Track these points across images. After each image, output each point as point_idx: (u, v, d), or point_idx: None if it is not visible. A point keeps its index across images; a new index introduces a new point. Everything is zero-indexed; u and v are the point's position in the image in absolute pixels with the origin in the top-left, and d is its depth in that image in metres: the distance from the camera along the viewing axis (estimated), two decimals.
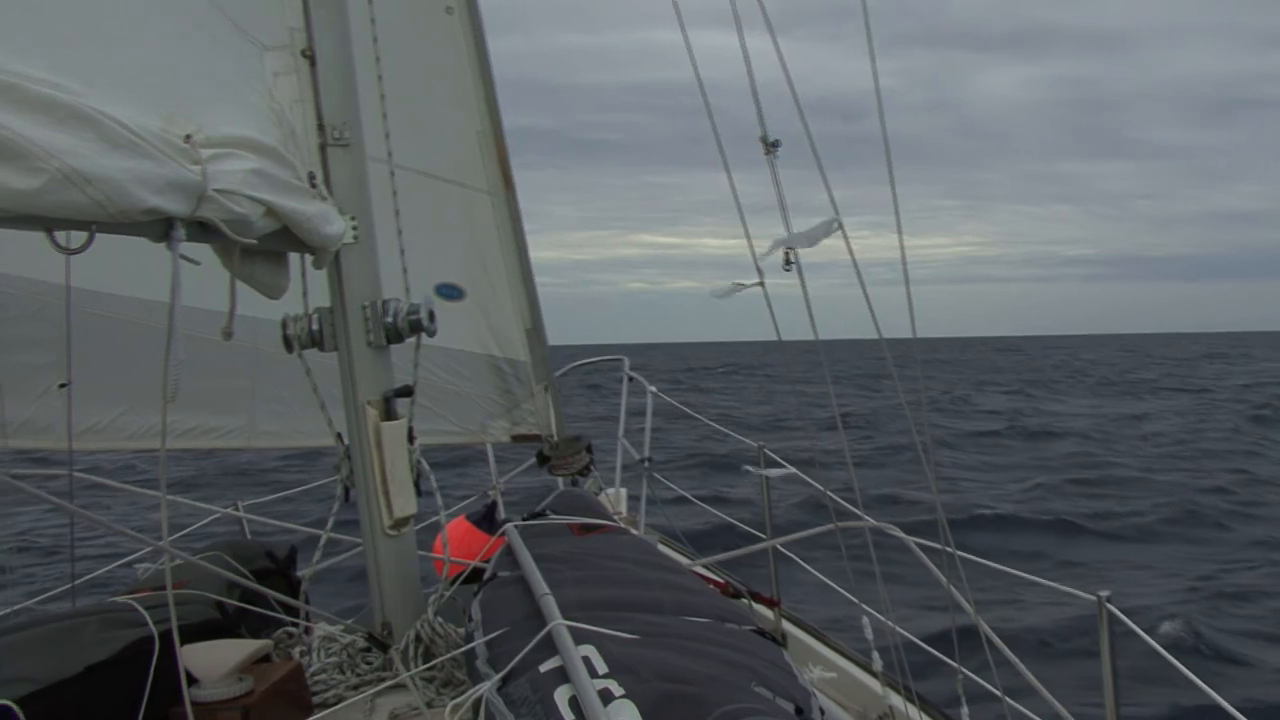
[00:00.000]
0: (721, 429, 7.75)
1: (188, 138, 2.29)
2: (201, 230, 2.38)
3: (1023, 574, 4.33)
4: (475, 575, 3.69)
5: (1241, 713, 3.54)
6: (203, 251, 2.57)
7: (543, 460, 5.48)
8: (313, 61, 3.30)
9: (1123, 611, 3.66)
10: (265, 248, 2.78)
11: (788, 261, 3.96)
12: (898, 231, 3.81)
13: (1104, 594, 3.61)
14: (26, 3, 2.04)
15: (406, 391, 3.62)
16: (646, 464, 6.38)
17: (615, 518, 4.15)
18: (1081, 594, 3.78)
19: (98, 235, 2.07)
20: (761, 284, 4.03)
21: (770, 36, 4.10)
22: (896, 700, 4.57)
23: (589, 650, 2.36)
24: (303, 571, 4.18)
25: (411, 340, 3.56)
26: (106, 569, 5.56)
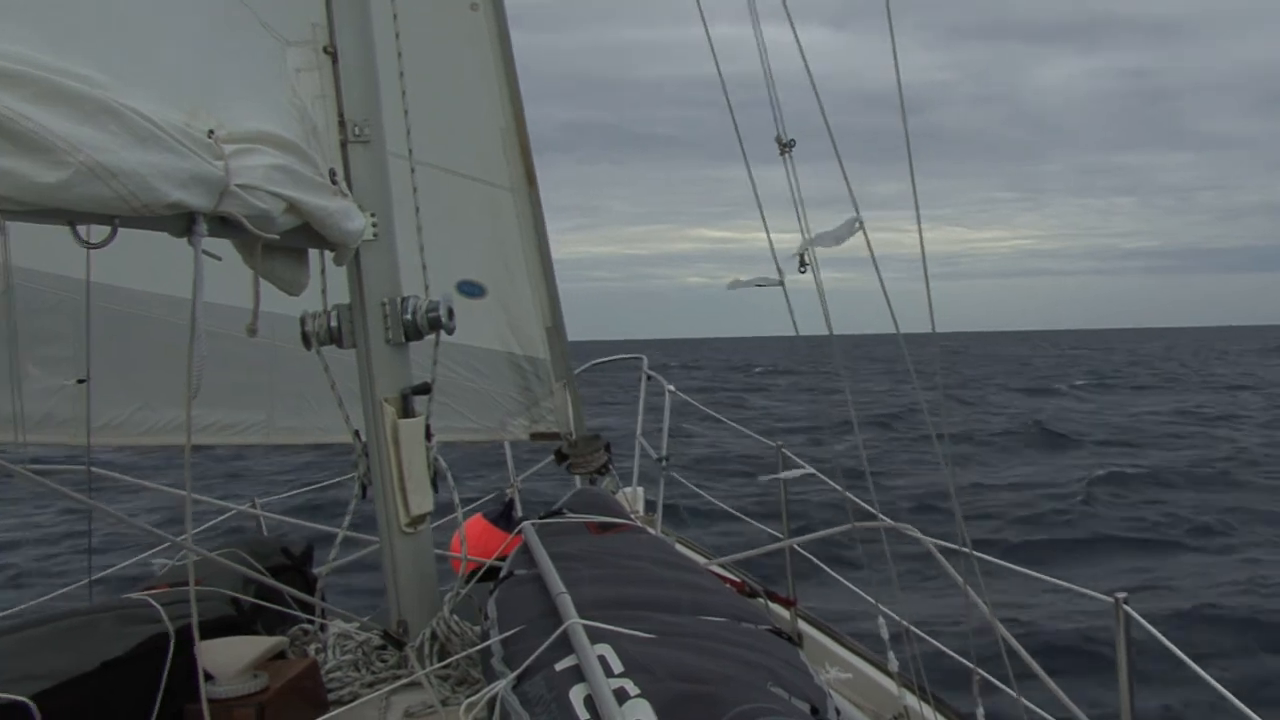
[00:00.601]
0: (741, 428, 7.73)
1: (211, 133, 2.29)
2: (223, 225, 2.38)
3: (1041, 575, 4.31)
4: (492, 573, 3.68)
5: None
6: (222, 247, 2.57)
7: (561, 458, 5.48)
8: (334, 58, 3.30)
9: (1140, 614, 3.64)
10: (286, 244, 2.79)
11: (803, 263, 3.95)
12: (918, 226, 3.79)
13: (1121, 595, 3.59)
14: None
15: (425, 389, 3.63)
16: (664, 463, 6.37)
17: (632, 517, 4.14)
18: (1099, 595, 3.76)
19: (118, 230, 2.07)
20: (781, 283, 4.02)
21: (790, 28, 4.08)
22: (912, 701, 4.56)
23: (605, 649, 2.35)
24: (319, 569, 4.19)
25: (430, 337, 3.57)
26: (123, 564, 5.58)
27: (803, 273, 3.89)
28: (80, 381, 4.25)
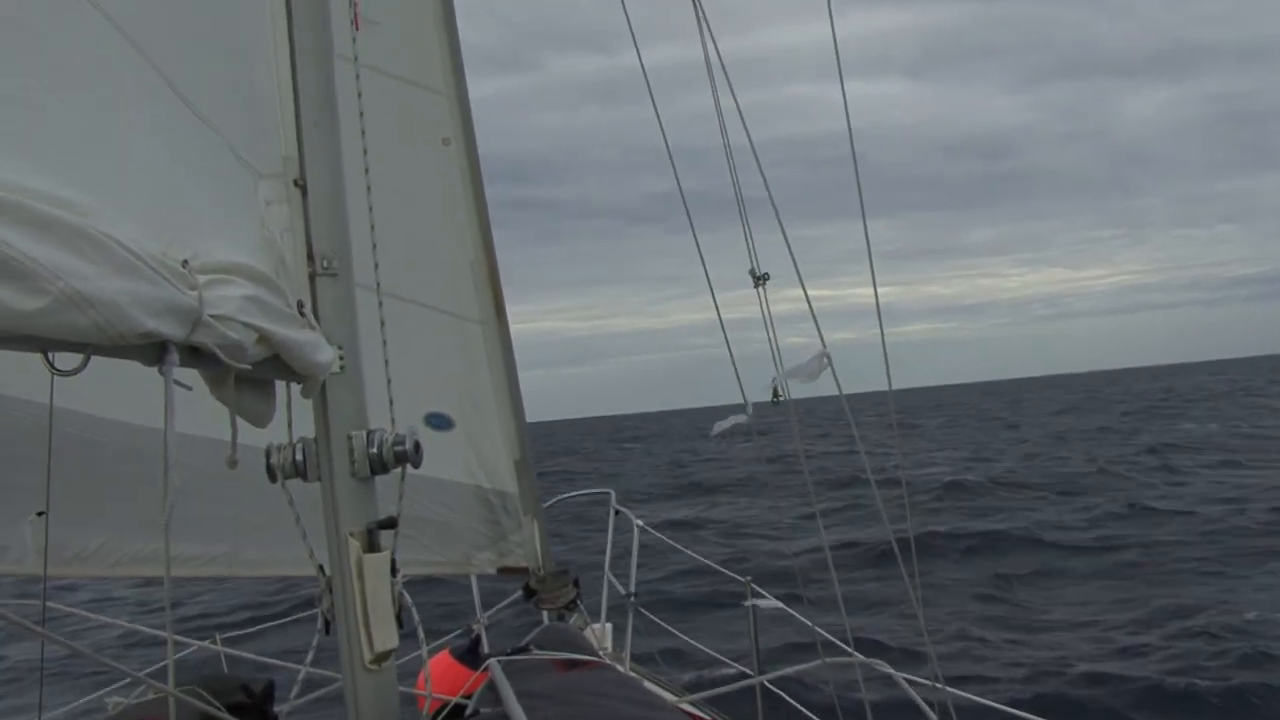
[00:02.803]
0: (710, 564, 7.70)
1: (185, 263, 2.29)
2: (192, 355, 2.36)
3: (1017, 711, 4.26)
4: (457, 711, 3.61)
5: None
6: (190, 377, 2.55)
7: (529, 594, 5.42)
8: (304, 191, 3.32)
9: None
10: (256, 375, 2.77)
11: (775, 395, 3.97)
12: (871, 278, 3.81)
13: None
14: (28, 117, 2.02)
15: (390, 523, 3.58)
16: (632, 599, 6.32)
17: (600, 654, 4.08)
18: None
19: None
20: (748, 416, 4.03)
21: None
22: None
23: None
24: (280, 707, 4.08)
25: (397, 471, 3.54)
26: (77, 702, 5.44)
27: (776, 404, 3.91)
28: (40, 514, 4.18)
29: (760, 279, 4.27)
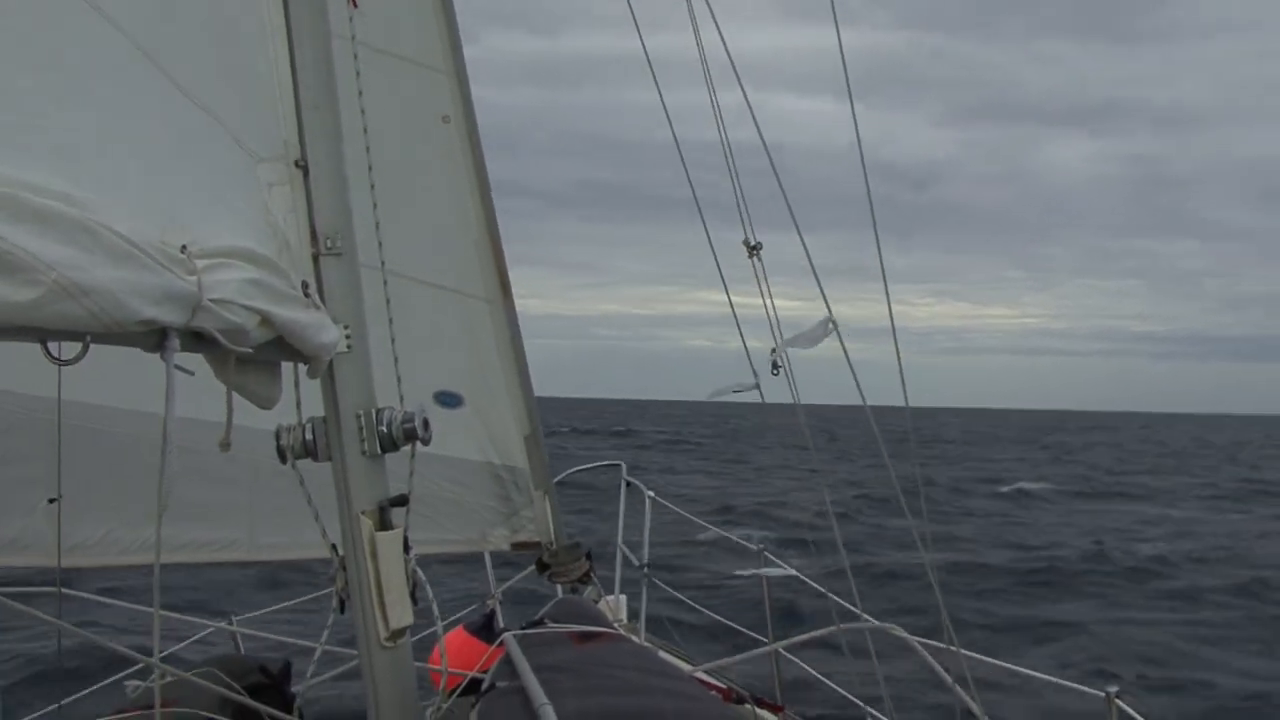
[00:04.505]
0: (720, 530, 7.71)
1: (183, 248, 2.29)
2: (196, 340, 2.38)
3: (1032, 672, 4.27)
4: (474, 686, 3.63)
5: None
6: (195, 361, 2.56)
7: (542, 568, 5.44)
8: (306, 172, 3.32)
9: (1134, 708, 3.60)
10: (260, 357, 2.78)
11: (775, 366, 3.96)
12: (886, 296, 3.80)
13: (1113, 690, 3.55)
14: (25, 110, 2.04)
15: (402, 501, 3.59)
16: (645, 570, 6.33)
17: (615, 626, 4.10)
18: (1090, 690, 3.72)
19: (90, 346, 2.06)
20: (758, 387, 4.03)
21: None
22: None
23: None
24: (298, 687, 4.11)
25: (407, 449, 3.54)
26: (94, 687, 5.47)
27: (775, 375, 3.90)
28: (52, 501, 4.20)
29: (754, 248, 4.25)
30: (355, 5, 4.07)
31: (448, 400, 5.25)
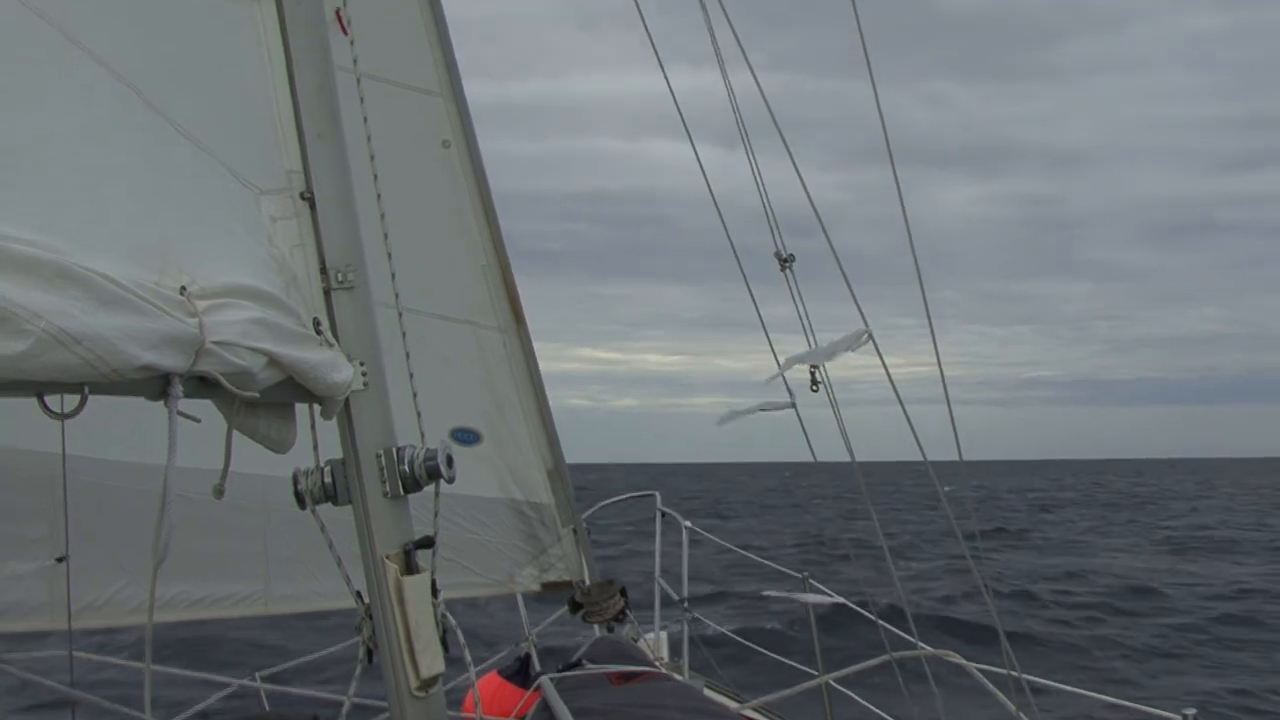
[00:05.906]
0: (759, 559, 7.55)
1: (182, 289, 2.20)
2: (201, 385, 2.27)
3: (1098, 695, 4.09)
4: None
5: None
6: (202, 408, 2.44)
7: (575, 608, 5.29)
8: (312, 204, 3.19)
9: None
10: (269, 400, 2.65)
11: (815, 381, 3.82)
12: (934, 345, 3.65)
13: (1190, 712, 3.38)
14: (9, 157, 1.97)
15: (427, 543, 3.45)
16: (686, 604, 6.16)
17: (656, 664, 3.96)
18: (1166, 714, 3.53)
19: (92, 399, 1.98)
20: (794, 404, 3.88)
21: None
22: None
23: None
24: None
25: (429, 488, 3.41)
26: None
27: (815, 391, 3.76)
28: (60, 560, 4.07)
29: (786, 260, 4.13)
30: (346, 32, 3.95)
31: (464, 437, 5.11)
